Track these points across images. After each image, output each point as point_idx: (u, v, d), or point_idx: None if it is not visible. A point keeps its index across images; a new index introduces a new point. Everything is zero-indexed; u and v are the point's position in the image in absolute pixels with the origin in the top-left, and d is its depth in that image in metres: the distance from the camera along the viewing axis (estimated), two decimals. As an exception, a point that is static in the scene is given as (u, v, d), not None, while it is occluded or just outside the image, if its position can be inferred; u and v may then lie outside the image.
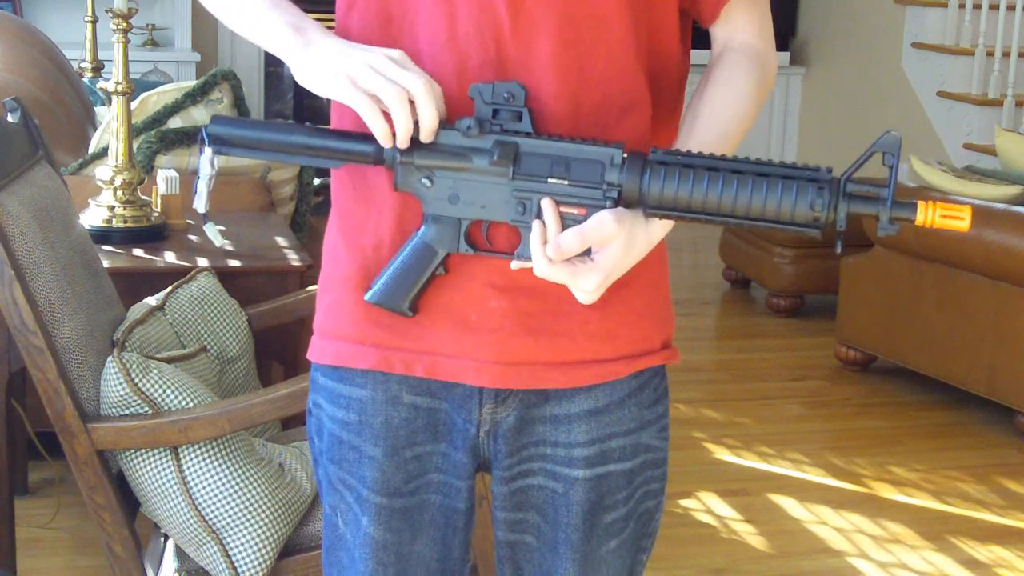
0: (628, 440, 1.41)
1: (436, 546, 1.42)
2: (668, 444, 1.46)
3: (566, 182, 1.26)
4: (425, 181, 1.29)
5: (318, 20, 1.33)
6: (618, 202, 1.25)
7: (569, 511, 1.40)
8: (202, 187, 1.35)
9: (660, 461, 1.45)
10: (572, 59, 1.29)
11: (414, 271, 1.31)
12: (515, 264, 1.29)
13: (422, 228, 1.31)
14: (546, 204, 1.26)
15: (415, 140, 1.27)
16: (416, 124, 1.25)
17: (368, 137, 1.28)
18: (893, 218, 1.21)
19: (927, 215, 1.21)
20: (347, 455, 1.41)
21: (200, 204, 1.36)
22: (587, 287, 1.26)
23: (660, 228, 1.28)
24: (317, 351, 1.42)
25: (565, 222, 1.26)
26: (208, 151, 1.33)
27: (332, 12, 1.38)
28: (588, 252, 1.26)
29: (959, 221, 1.20)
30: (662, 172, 1.23)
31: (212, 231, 1.43)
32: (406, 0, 1.30)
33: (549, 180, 1.26)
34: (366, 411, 1.39)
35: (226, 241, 3.05)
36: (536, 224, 1.26)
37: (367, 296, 1.34)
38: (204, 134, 1.32)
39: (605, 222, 1.23)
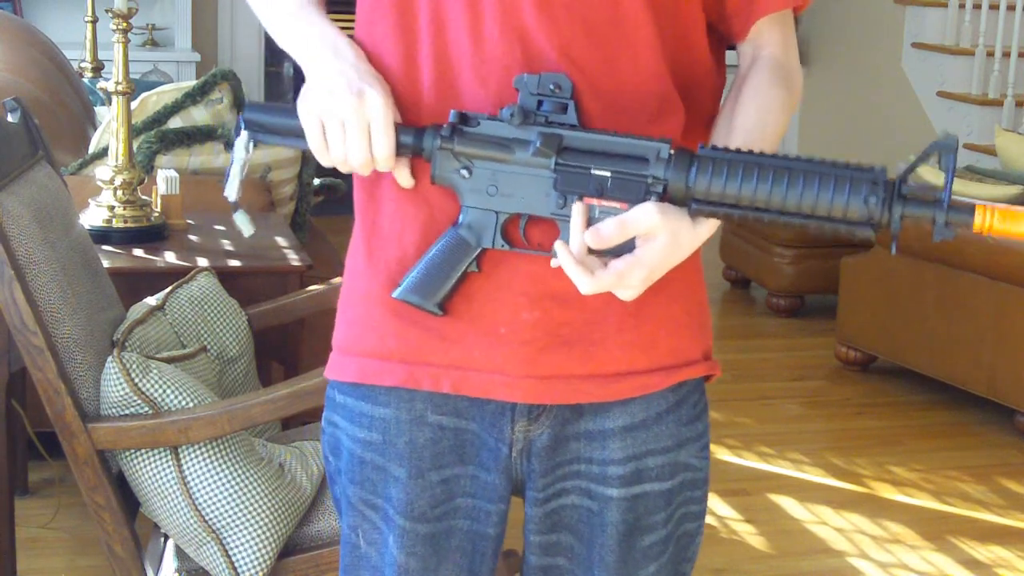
0: (666, 459, 1.36)
1: (463, 572, 1.38)
2: (709, 464, 1.41)
3: (609, 174, 1.22)
4: (463, 172, 1.25)
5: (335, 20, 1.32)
6: (663, 197, 1.21)
7: (604, 532, 1.35)
8: (235, 172, 1.31)
9: (700, 481, 1.40)
10: (599, 62, 1.26)
11: (447, 266, 1.27)
12: (556, 262, 1.23)
13: (458, 220, 1.27)
14: (580, 206, 1.22)
15: (455, 127, 1.24)
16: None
17: (407, 128, 1.26)
18: (949, 222, 1.16)
19: (985, 219, 1.15)
20: (371, 475, 1.36)
21: (232, 191, 1.32)
22: (631, 282, 1.21)
23: (707, 228, 1.23)
24: (338, 368, 1.37)
25: (607, 216, 1.21)
26: (244, 134, 1.30)
27: (347, 12, 1.37)
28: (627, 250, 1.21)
29: (1020, 225, 1.14)
30: (710, 166, 1.19)
31: (243, 220, 1.39)
32: (430, 2, 1.28)
33: (592, 172, 1.22)
34: (389, 431, 1.34)
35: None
36: (576, 207, 1.21)
37: (395, 292, 1.29)
38: (241, 120, 1.31)
39: (649, 212, 1.19)
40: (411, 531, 1.35)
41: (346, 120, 1.23)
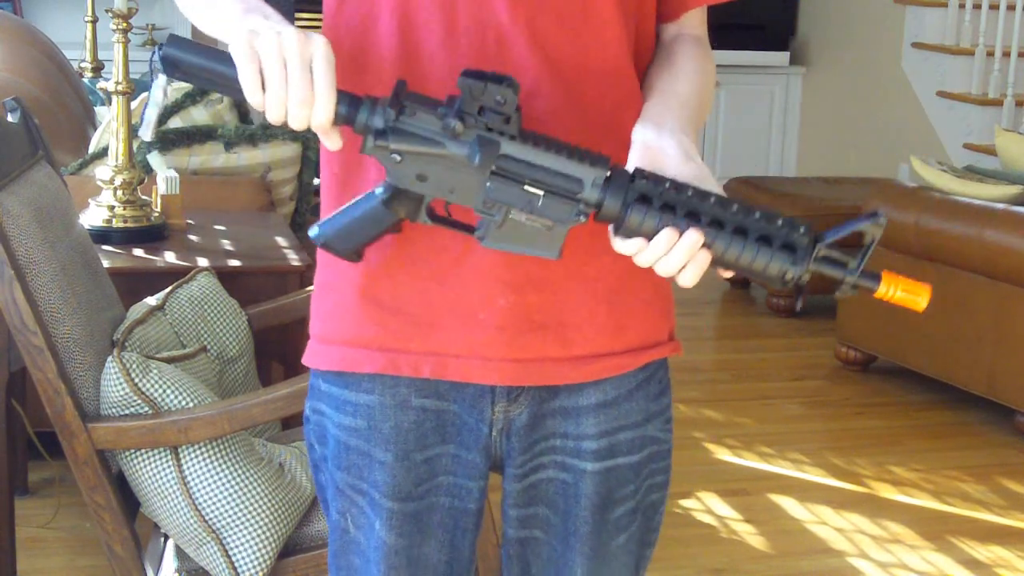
0: (636, 433, 1.41)
1: (445, 548, 1.41)
2: (672, 436, 1.46)
3: (542, 194, 1.21)
4: (395, 156, 1.22)
5: (311, 19, 1.31)
6: (593, 216, 1.22)
7: (579, 504, 1.40)
8: (151, 114, 1.26)
9: (665, 453, 1.45)
10: (569, 54, 1.29)
11: (368, 226, 1.26)
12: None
13: (381, 188, 1.24)
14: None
15: (385, 130, 1.21)
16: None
17: (342, 95, 1.21)
18: (855, 285, 1.23)
19: (888, 289, 1.22)
20: (356, 461, 1.39)
21: (147, 133, 1.28)
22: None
23: (687, 134, 1.27)
24: (318, 357, 1.39)
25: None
26: (162, 78, 1.23)
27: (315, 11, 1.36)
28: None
29: (918, 298, 1.22)
30: (644, 210, 1.19)
31: (157, 161, 1.38)
32: None
33: (525, 187, 1.21)
34: (374, 417, 1.37)
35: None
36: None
37: (312, 234, 1.28)
38: (158, 56, 1.22)
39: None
40: (398, 511, 1.38)
41: (288, 56, 1.16)
